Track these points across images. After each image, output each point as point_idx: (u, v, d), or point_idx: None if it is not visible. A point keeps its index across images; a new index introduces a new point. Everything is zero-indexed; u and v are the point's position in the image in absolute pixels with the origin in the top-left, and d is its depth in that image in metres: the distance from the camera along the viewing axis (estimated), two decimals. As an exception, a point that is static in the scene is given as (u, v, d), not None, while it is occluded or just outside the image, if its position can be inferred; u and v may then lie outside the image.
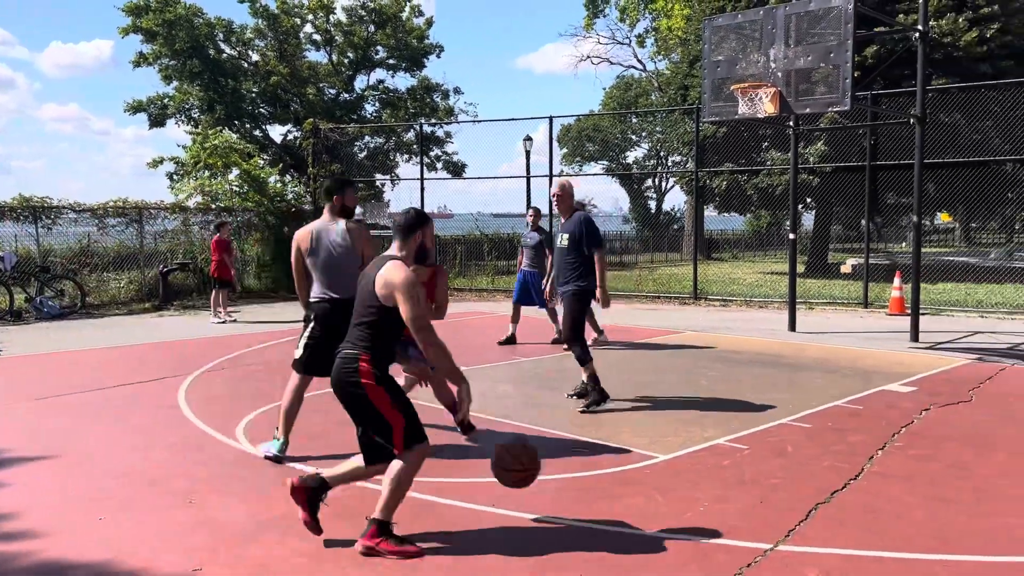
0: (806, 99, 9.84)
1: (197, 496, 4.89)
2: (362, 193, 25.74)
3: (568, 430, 6.37)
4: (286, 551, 4.09)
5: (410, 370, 5.55)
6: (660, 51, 39.99)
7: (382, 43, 33.28)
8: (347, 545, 4.14)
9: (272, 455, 5.66)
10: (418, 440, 4.09)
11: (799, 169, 14.10)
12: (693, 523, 4.42)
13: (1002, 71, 18.42)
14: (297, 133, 31.15)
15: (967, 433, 6.24)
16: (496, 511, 4.61)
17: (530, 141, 25.88)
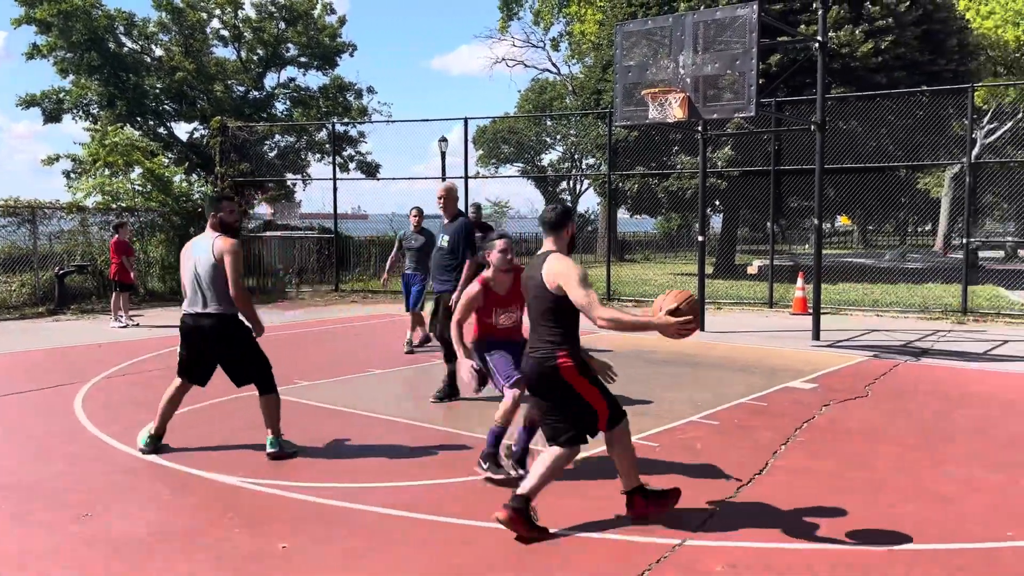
0: (714, 105, 10.10)
1: (94, 508, 4.67)
2: (273, 193, 25.16)
3: (481, 431, 6.35)
4: (187, 564, 3.94)
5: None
6: (574, 55, 40.52)
7: (293, 40, 32.62)
8: (253, 558, 4.02)
9: (140, 447, 5.71)
10: (619, 420, 4.31)
11: (707, 173, 14.47)
12: (606, 520, 4.46)
13: (895, 81, 19.35)
14: (204, 131, 30.23)
15: (864, 428, 6.50)
16: (410, 515, 4.56)
17: (445, 142, 25.78)
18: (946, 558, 4.00)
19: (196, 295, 5.61)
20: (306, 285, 19.24)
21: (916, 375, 8.73)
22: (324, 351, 10.53)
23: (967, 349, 10.44)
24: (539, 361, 4.24)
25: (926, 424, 6.62)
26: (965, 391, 7.91)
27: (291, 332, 12.38)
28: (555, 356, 4.18)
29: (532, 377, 4.33)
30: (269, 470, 5.37)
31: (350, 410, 7.09)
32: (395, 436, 6.26)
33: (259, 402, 5.76)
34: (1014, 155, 26.21)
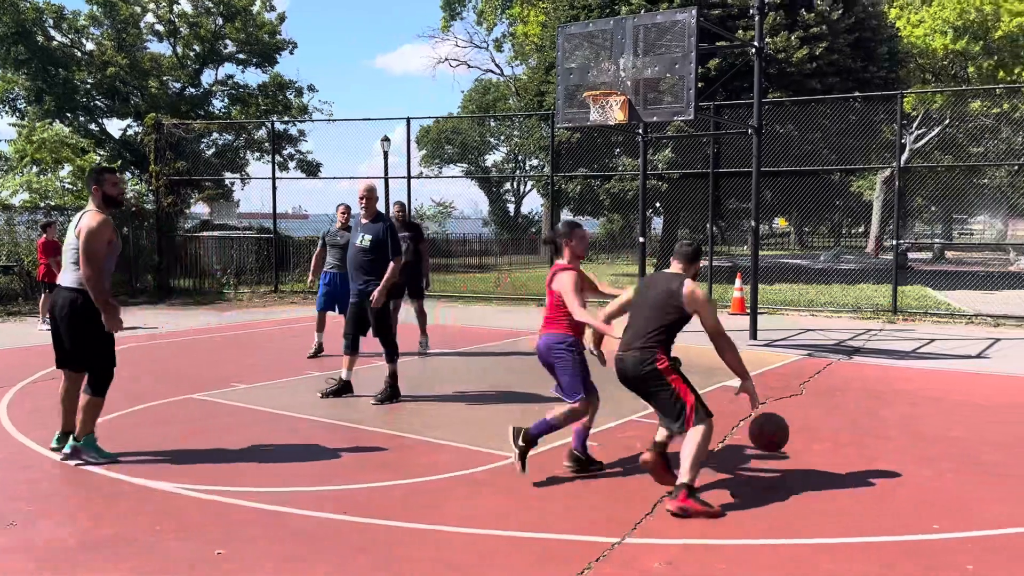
0: (654, 108, 10.22)
1: (20, 517, 4.50)
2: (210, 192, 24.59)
3: (421, 433, 6.32)
4: (117, 573, 3.83)
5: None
6: (517, 56, 40.61)
7: (231, 37, 31.96)
8: (186, 566, 3.93)
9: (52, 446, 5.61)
10: (707, 414, 4.82)
11: (648, 175, 14.65)
12: (545, 520, 4.48)
13: (829, 87, 19.87)
14: (138, 128, 29.43)
15: (798, 425, 6.63)
16: (347, 518, 4.50)
17: (388, 142, 25.60)
18: (874, 551, 4.11)
19: (65, 269, 5.52)
20: (244, 286, 18.89)
21: (848, 373, 8.97)
22: (262, 353, 10.35)
23: (896, 348, 10.77)
24: (642, 359, 4.85)
25: (857, 421, 6.80)
26: (894, 388, 8.16)
27: (229, 334, 12.13)
28: (656, 356, 4.84)
29: (630, 374, 4.93)
30: (204, 476, 5.25)
31: (289, 413, 6.98)
32: (334, 439, 6.18)
33: (80, 399, 5.49)
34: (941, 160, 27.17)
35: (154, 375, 8.79)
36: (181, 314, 14.83)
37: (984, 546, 4.18)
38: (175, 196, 19.00)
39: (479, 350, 10.62)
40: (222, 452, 5.80)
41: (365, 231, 7.43)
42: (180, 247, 19.16)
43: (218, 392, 7.83)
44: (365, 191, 7.48)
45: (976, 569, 3.89)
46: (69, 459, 5.45)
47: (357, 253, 7.44)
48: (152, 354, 10.22)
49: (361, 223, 7.49)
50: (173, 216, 19.16)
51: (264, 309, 15.67)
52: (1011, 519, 4.54)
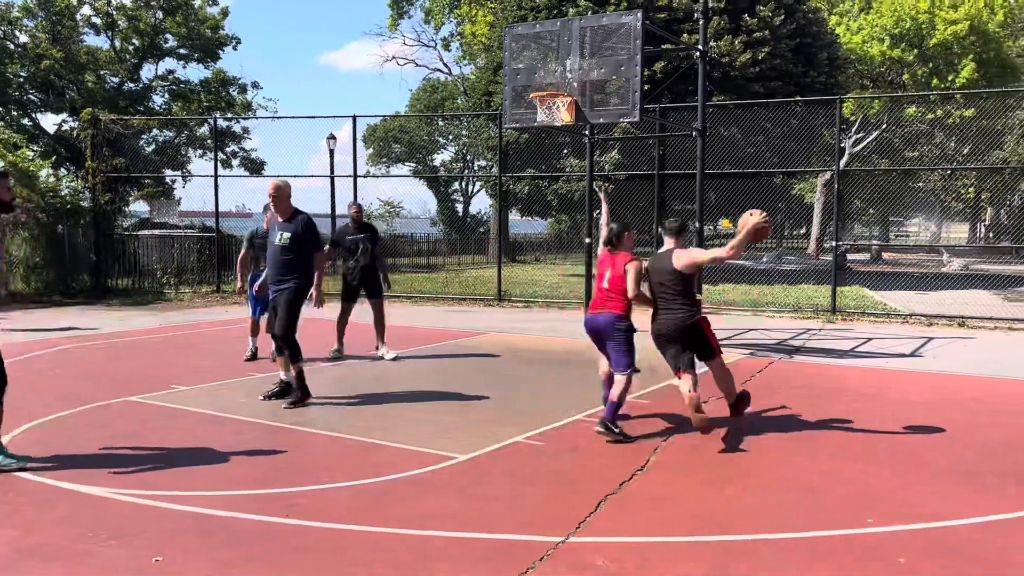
0: (600, 109, 10.29)
1: (-57, 526, 4.34)
2: (150, 190, 24.05)
3: (365, 435, 6.27)
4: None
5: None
6: (465, 56, 40.54)
7: (172, 31, 31.25)
8: (123, 573, 3.83)
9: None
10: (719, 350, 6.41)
11: (595, 176, 14.77)
12: (490, 521, 4.48)
13: (772, 91, 20.26)
14: (74, 123, 28.62)
15: (740, 423, 6.77)
16: (289, 522, 4.44)
17: (334, 140, 25.32)
18: (810, 544, 4.21)
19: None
20: (185, 286, 18.49)
21: (789, 372, 9.16)
22: (203, 355, 10.15)
23: (835, 347, 11.03)
24: (683, 319, 6.20)
25: (797, 419, 6.95)
26: (833, 386, 8.36)
27: (168, 335, 11.87)
28: (693, 314, 6.24)
29: (674, 331, 6.23)
30: (140, 480, 5.13)
31: (230, 415, 6.86)
32: (276, 441, 6.09)
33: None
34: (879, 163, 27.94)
35: (91, 377, 8.55)
36: (119, 314, 14.46)
37: (916, 539, 4.30)
38: (113, 194, 18.51)
39: (424, 351, 10.58)
40: (161, 456, 5.67)
41: (283, 229, 7.26)
42: (119, 246, 18.67)
43: (157, 394, 7.66)
44: (274, 190, 7.33)
45: (908, 561, 4.01)
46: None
47: (276, 251, 7.26)
48: (89, 356, 9.94)
49: (278, 221, 7.33)
50: (111, 214, 18.66)
51: (206, 309, 15.37)
52: (941, 513, 4.69)
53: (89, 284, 18.00)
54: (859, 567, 3.94)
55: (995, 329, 12.73)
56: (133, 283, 18.52)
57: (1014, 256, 30.21)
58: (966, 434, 6.45)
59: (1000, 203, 33.27)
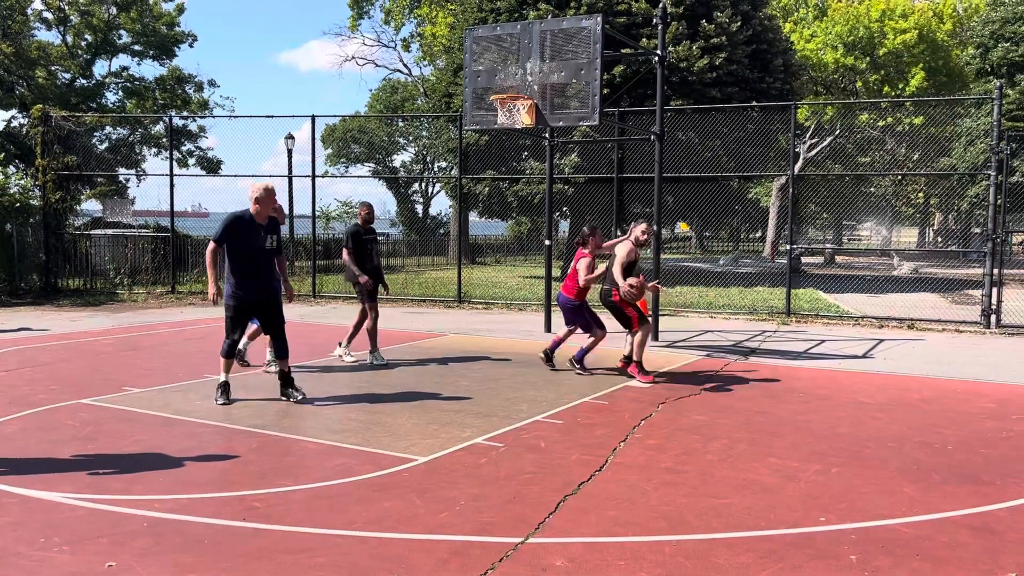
0: (560, 112, 10.35)
1: None
2: (103, 189, 23.56)
3: (324, 437, 6.23)
4: (-2, 588, 3.63)
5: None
6: (425, 57, 40.44)
7: (126, 27, 30.72)
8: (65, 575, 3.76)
9: None
10: (644, 322, 8.84)
11: (555, 179, 14.84)
12: (450, 522, 4.49)
13: (728, 96, 20.56)
14: (23, 120, 27.95)
15: (695, 423, 6.87)
16: (245, 524, 4.40)
17: (292, 140, 25.11)
18: (764, 543, 4.29)
19: None
20: (139, 286, 18.17)
21: (744, 373, 9.31)
22: (157, 356, 9.99)
23: (789, 348, 11.23)
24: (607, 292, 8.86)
25: (752, 419, 7.07)
26: (787, 387, 8.52)
27: (121, 336, 11.65)
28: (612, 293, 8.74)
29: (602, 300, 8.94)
30: (93, 484, 5.04)
31: (185, 418, 6.77)
32: (232, 444, 6.03)
33: None
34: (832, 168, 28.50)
35: (41, 379, 8.37)
36: (70, 315, 14.15)
37: (867, 536, 4.41)
38: (64, 192, 18.10)
39: (384, 353, 10.53)
40: (114, 459, 5.57)
41: (268, 231, 7.34)
42: (70, 245, 18.27)
43: (110, 397, 7.52)
44: (271, 191, 7.31)
45: (859, 559, 4.10)
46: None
47: (264, 254, 7.31)
48: (39, 357, 9.73)
49: (260, 224, 7.28)
50: (62, 213, 18.25)
51: (160, 310, 15.11)
52: (891, 511, 4.81)
53: (38, 284, 17.59)
54: (812, 565, 4.03)
55: (943, 331, 13.06)
56: (85, 283, 18.14)
57: (961, 260, 31.03)
58: (916, 433, 6.62)
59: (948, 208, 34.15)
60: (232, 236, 7.19)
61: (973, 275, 23.14)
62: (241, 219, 7.23)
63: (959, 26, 34.15)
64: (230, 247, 7.21)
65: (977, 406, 7.72)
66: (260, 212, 7.26)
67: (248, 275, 7.24)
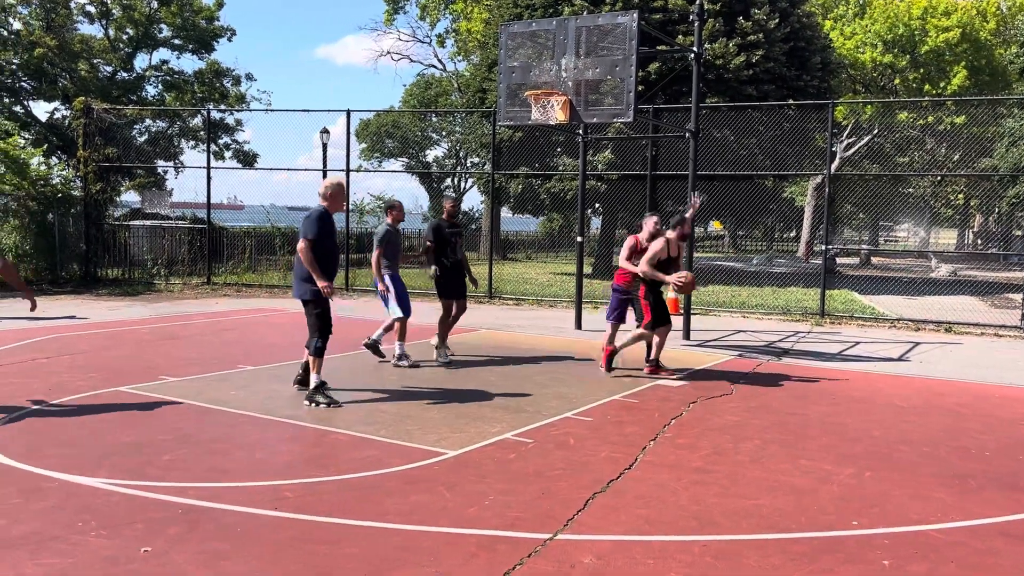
0: (594, 109, 10.32)
1: (-70, 514, 4.34)
2: (142, 180, 23.93)
3: (355, 429, 6.28)
4: (36, 569, 3.72)
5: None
6: (460, 52, 40.49)
7: (166, 21, 31.10)
8: (110, 563, 3.84)
9: None
10: (657, 324, 8.75)
11: (587, 175, 14.80)
12: (479, 516, 4.50)
13: (765, 94, 20.34)
14: (66, 112, 28.46)
15: (726, 423, 6.82)
16: (277, 514, 4.45)
17: (327, 134, 25.26)
18: (795, 546, 4.25)
19: None
20: (176, 277, 18.44)
21: (777, 373, 9.22)
22: (193, 346, 10.14)
23: (823, 349, 11.10)
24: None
25: (784, 420, 7.00)
26: (820, 388, 8.42)
27: (159, 326, 11.84)
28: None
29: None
30: (130, 471, 5.13)
31: (219, 407, 6.86)
32: (266, 434, 6.10)
33: None
34: (869, 168, 28.08)
35: (80, 367, 8.53)
36: (109, 304, 14.41)
37: (900, 541, 4.35)
38: (104, 183, 18.42)
39: (414, 348, 10.59)
40: (150, 447, 5.67)
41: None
42: (109, 236, 18.59)
43: (147, 385, 7.65)
44: (341, 187, 7.42)
45: (892, 564, 4.05)
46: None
47: (336, 248, 7.51)
48: (78, 345, 9.92)
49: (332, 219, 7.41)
50: (102, 204, 18.58)
51: (196, 301, 15.33)
52: (925, 516, 4.74)
53: (78, 273, 17.93)
54: (843, 569, 3.99)
55: (981, 335, 12.83)
56: (123, 273, 18.45)
57: (1001, 263, 30.42)
58: (952, 438, 6.52)
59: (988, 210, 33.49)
60: (321, 233, 7.08)
61: (1014, 278, 22.69)
62: (326, 215, 7.19)
63: (1003, 25, 33.45)
64: (316, 244, 7.04)
65: (1016, 411, 7.57)
66: (332, 208, 7.27)
67: (331, 272, 7.17)
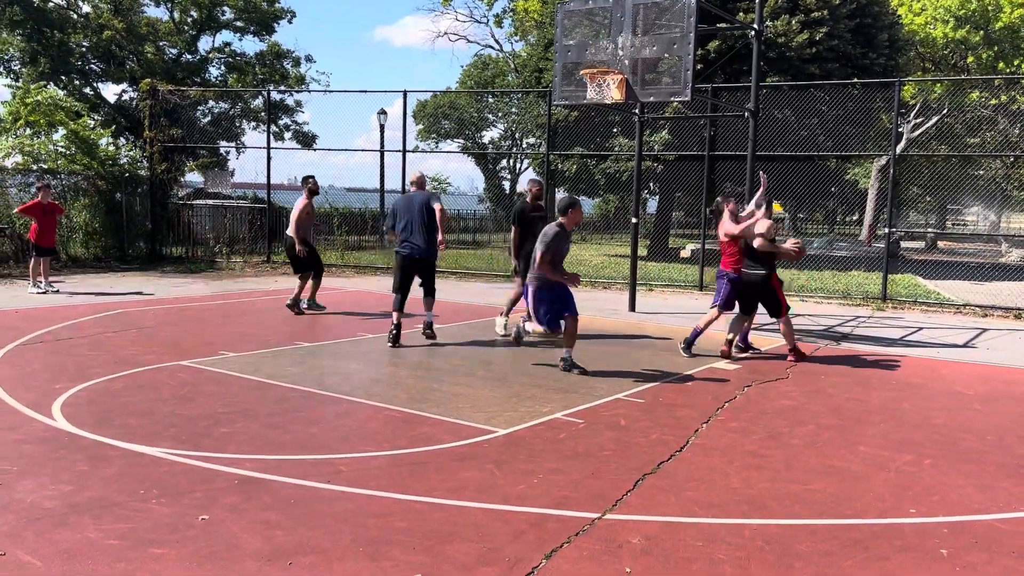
0: (651, 88, 10.19)
1: (6, 478, 4.53)
2: (204, 160, 24.48)
3: (407, 406, 6.36)
4: (99, 534, 3.86)
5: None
6: (517, 32, 40.32)
7: (229, 4, 31.66)
8: (169, 529, 3.96)
9: None
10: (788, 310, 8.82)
11: (644, 156, 14.63)
12: (527, 494, 4.53)
13: (828, 73, 19.81)
14: (133, 93, 29.24)
15: (782, 407, 6.71)
16: (331, 487, 4.54)
17: (384, 115, 25.48)
18: (849, 531, 4.17)
19: None
20: (237, 255, 18.86)
21: (835, 358, 9.03)
22: (252, 322, 10.37)
23: (884, 335, 10.83)
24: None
25: (841, 405, 6.86)
26: (880, 374, 8.22)
27: (220, 303, 12.13)
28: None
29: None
30: (190, 442, 5.28)
31: (276, 382, 7.01)
32: (320, 409, 6.22)
33: None
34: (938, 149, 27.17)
35: (145, 341, 8.80)
36: (173, 281, 14.81)
37: (959, 530, 4.24)
38: (169, 163, 18.90)
39: (469, 327, 10.66)
40: (209, 419, 5.83)
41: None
42: (173, 215, 19.09)
43: (207, 360, 7.86)
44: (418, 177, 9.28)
45: (950, 553, 3.95)
46: None
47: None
48: (142, 320, 10.22)
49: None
50: (167, 183, 19.07)
51: (256, 279, 15.66)
52: (985, 505, 4.61)
53: (144, 251, 18.46)
54: (898, 557, 3.90)
55: (1053, 322, 12.36)
56: (187, 251, 18.94)
57: (1077, 248, 29.18)
58: (1019, 427, 6.31)
59: (1065, 193, 32.12)
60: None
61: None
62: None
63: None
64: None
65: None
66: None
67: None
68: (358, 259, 19.64)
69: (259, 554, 3.70)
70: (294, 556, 3.69)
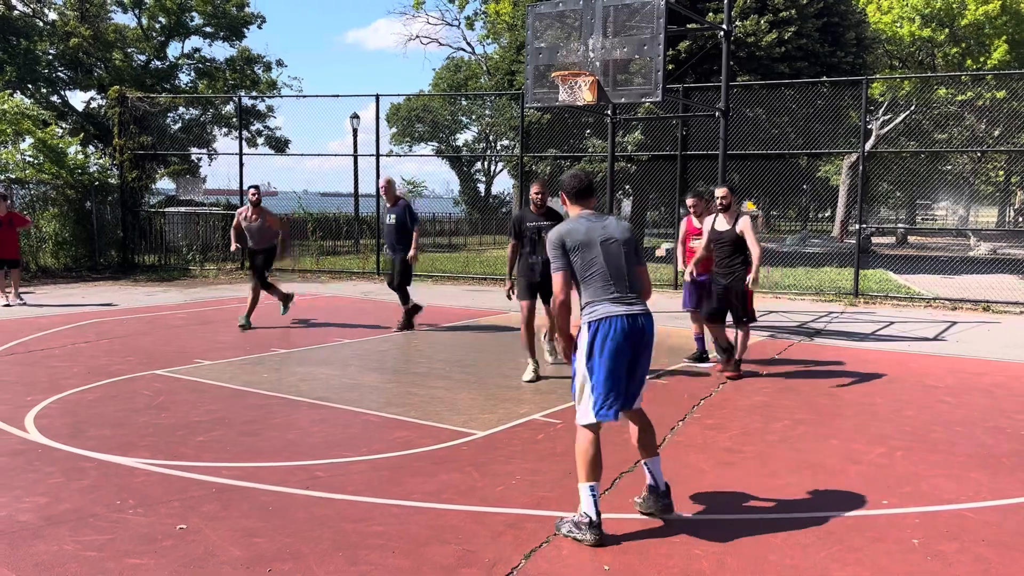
0: (623, 89, 10.24)
1: (-25, 492, 4.48)
2: (176, 167, 24.26)
3: (385, 410, 6.36)
4: (76, 546, 3.83)
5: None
6: (489, 35, 40.38)
7: (198, 9, 31.41)
8: (146, 539, 3.94)
9: None
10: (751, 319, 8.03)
11: (617, 157, 14.71)
12: (506, 496, 4.55)
13: (797, 72, 20.03)
14: (102, 101, 28.93)
15: (757, 404, 6.79)
16: (309, 493, 4.54)
17: (357, 119, 25.41)
18: (822, 524, 4.23)
19: None
20: (211, 263, 18.71)
21: (809, 354, 9.14)
22: (227, 330, 10.30)
23: (856, 330, 10.98)
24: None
25: (815, 400, 6.95)
26: (852, 369, 8.33)
27: (194, 310, 12.04)
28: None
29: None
30: (166, 451, 5.25)
31: (252, 389, 6.98)
32: (298, 415, 6.20)
33: None
34: (907, 145, 27.54)
35: (118, 351, 8.72)
36: (146, 290, 14.67)
37: (931, 521, 4.32)
38: (140, 171, 18.72)
39: (444, 330, 10.66)
40: (185, 428, 5.79)
41: (391, 213, 10.14)
42: (145, 223, 18.91)
43: (182, 368, 7.80)
44: (385, 182, 10.31)
45: (922, 542, 4.02)
46: None
47: (391, 229, 10.26)
48: (116, 330, 10.12)
49: (387, 207, 10.20)
50: (138, 191, 18.89)
51: (230, 286, 15.55)
52: (957, 496, 4.69)
53: (116, 260, 18.27)
54: (872, 547, 3.97)
55: (1021, 314, 12.59)
56: (159, 259, 18.76)
57: (1044, 241, 29.73)
58: (987, 418, 6.43)
59: (1031, 187, 32.69)
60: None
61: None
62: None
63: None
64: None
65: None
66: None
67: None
68: (333, 264, 19.58)
69: (238, 562, 3.69)
70: (273, 563, 3.69)
